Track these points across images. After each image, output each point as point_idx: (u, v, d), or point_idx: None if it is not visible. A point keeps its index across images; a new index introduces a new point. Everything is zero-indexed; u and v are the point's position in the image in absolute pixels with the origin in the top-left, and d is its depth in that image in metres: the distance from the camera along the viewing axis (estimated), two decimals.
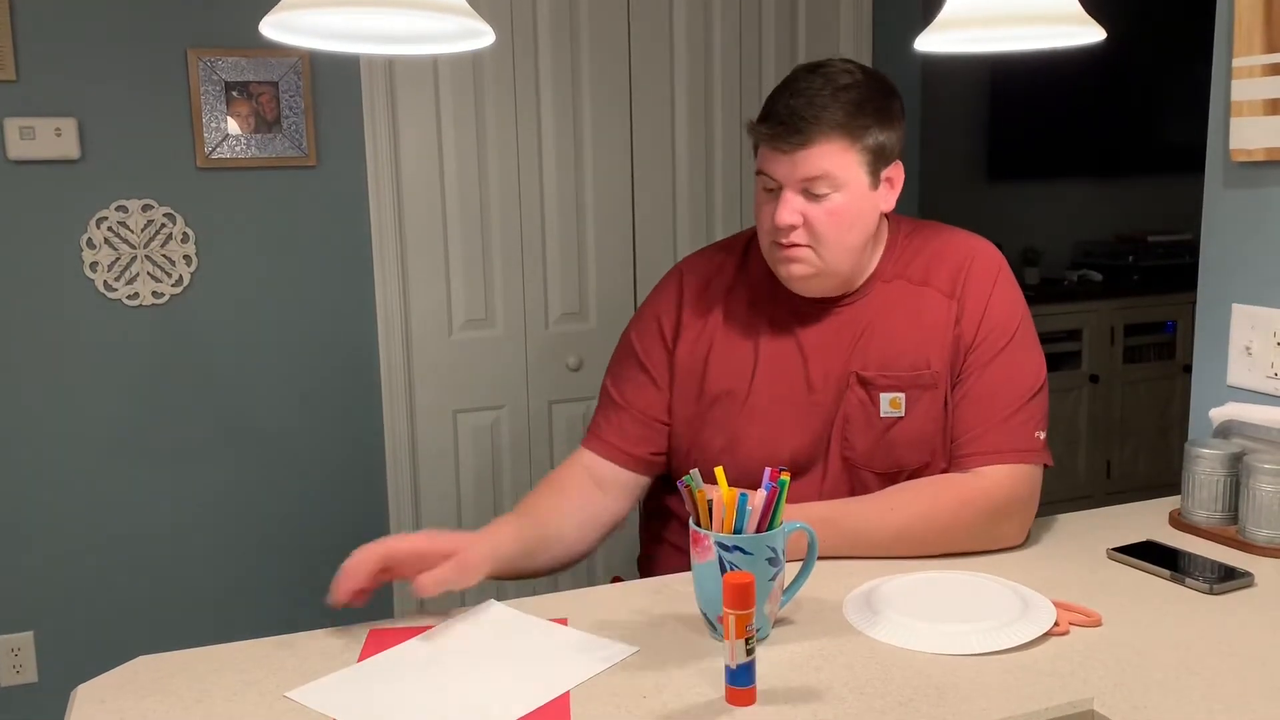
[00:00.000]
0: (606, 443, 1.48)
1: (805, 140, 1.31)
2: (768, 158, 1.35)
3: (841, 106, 1.32)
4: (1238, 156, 1.53)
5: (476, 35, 1.01)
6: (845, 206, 1.34)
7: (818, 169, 1.32)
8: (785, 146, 1.32)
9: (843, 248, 1.37)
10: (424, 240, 2.63)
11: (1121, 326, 3.99)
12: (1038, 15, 1.10)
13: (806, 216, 1.34)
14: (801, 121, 1.31)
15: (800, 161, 1.32)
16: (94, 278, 2.37)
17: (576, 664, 1.08)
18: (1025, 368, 1.40)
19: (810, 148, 1.31)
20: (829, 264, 1.37)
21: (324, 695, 1.03)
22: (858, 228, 1.37)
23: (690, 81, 2.83)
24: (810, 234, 1.34)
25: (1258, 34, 1.48)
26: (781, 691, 1.01)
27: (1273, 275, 1.53)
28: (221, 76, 2.40)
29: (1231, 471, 1.41)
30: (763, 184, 1.37)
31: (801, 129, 1.31)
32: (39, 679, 2.43)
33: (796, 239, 1.35)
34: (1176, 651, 1.08)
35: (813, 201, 1.34)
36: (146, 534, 2.48)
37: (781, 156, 1.33)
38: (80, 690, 1.05)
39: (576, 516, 1.46)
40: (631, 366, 1.50)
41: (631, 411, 1.47)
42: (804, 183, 1.33)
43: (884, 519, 1.33)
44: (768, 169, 1.35)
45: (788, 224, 1.34)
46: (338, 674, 1.07)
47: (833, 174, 1.32)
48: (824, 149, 1.31)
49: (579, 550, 1.47)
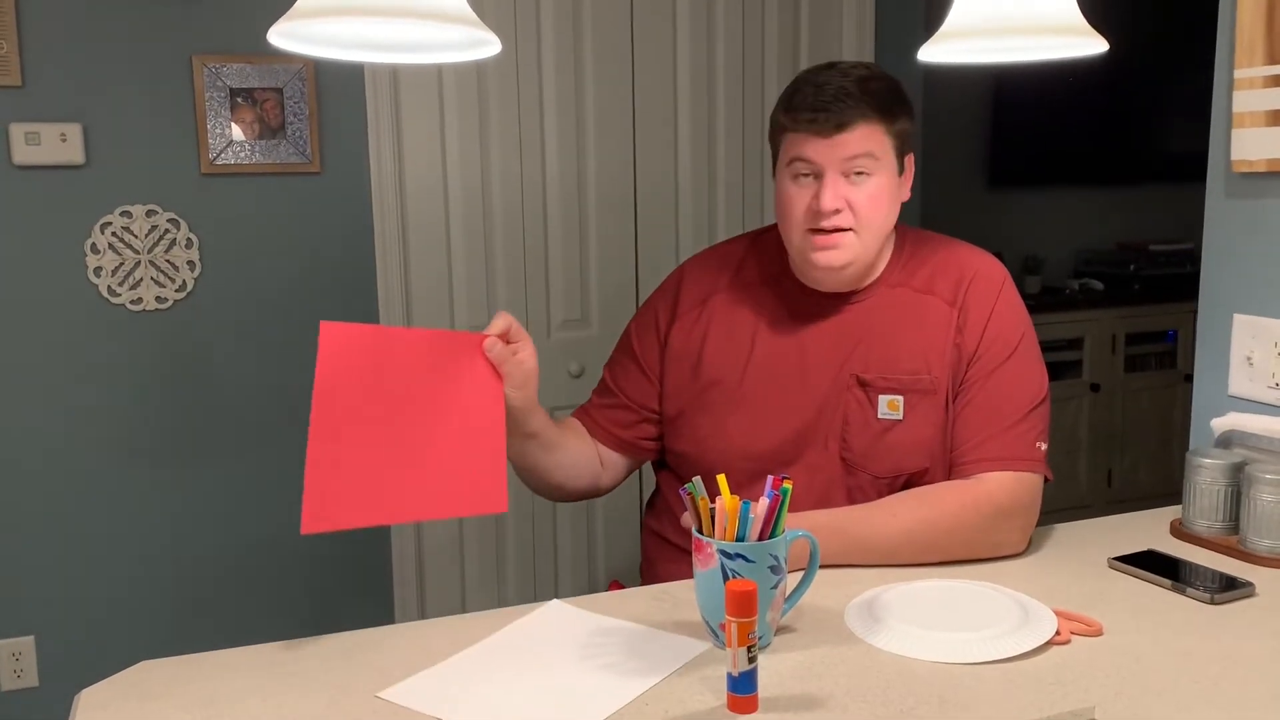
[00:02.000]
0: (594, 421, 1.56)
1: (848, 121, 1.34)
2: (806, 144, 1.36)
3: (873, 94, 1.36)
4: (1239, 167, 1.54)
5: (482, 45, 1.01)
6: (882, 189, 1.38)
7: (861, 148, 1.35)
8: (827, 130, 1.35)
9: (880, 232, 1.40)
10: (427, 247, 2.64)
11: (1123, 335, 3.99)
12: (1041, 27, 1.10)
13: (848, 199, 1.36)
14: (842, 106, 1.34)
15: (842, 144, 1.35)
16: (98, 283, 2.38)
17: (651, 661, 1.09)
18: (1028, 379, 1.41)
19: (852, 130, 1.35)
20: (866, 248, 1.39)
21: (418, 695, 1.04)
22: (891, 213, 1.41)
23: (693, 95, 2.83)
24: (854, 217, 1.37)
25: (1259, 46, 1.48)
26: (783, 699, 1.01)
27: (1274, 286, 1.53)
28: (226, 83, 2.41)
29: (1233, 481, 1.41)
30: (795, 172, 1.38)
31: (843, 113, 1.34)
32: (40, 684, 2.43)
33: (841, 222, 1.36)
34: (1177, 661, 1.08)
35: (853, 186, 1.36)
36: (148, 539, 2.48)
37: (822, 141, 1.35)
38: (83, 695, 1.05)
39: (583, 452, 1.53)
40: (626, 356, 1.57)
41: (620, 398, 1.54)
42: (846, 163, 1.35)
43: (887, 524, 1.34)
44: (807, 154, 1.36)
45: (833, 207, 1.35)
46: (424, 673, 1.08)
47: (874, 153, 1.36)
48: (865, 130, 1.35)
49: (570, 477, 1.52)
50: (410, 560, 2.70)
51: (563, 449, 1.48)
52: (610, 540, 2.89)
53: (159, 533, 2.48)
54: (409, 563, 2.70)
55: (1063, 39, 1.12)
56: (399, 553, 2.68)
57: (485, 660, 1.11)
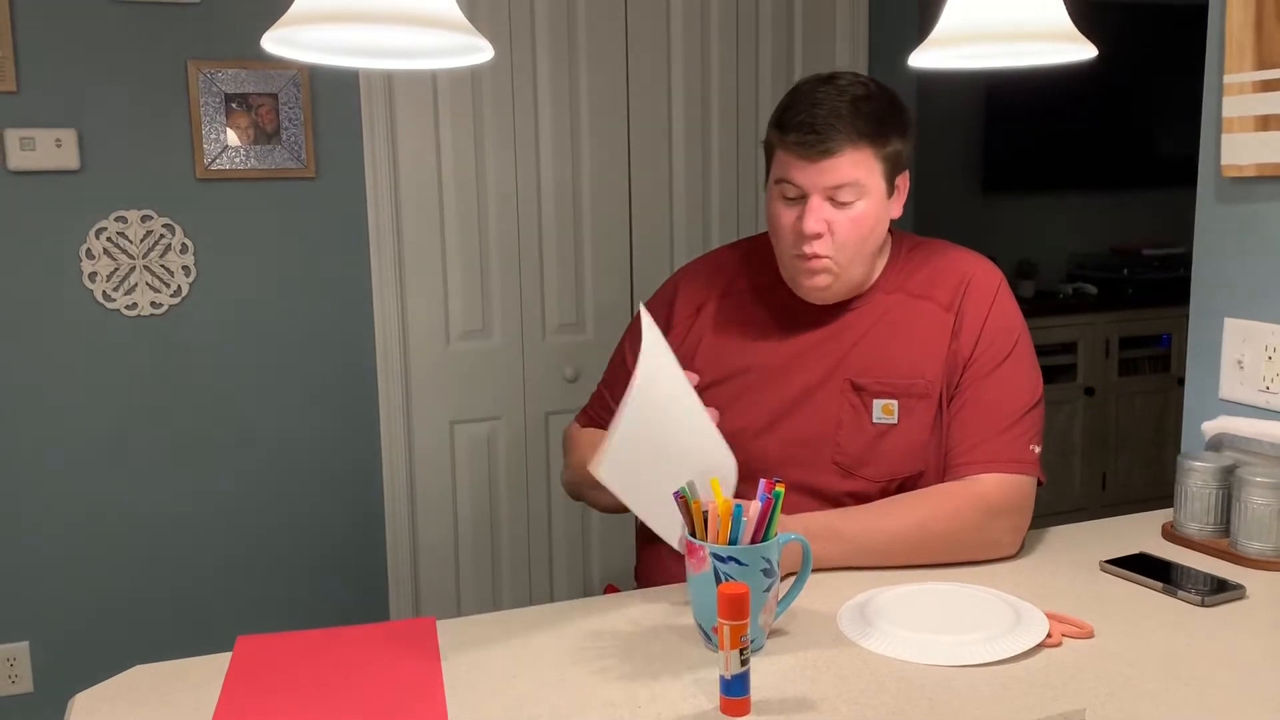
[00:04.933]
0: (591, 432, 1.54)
1: (834, 149, 1.33)
2: (793, 166, 1.36)
3: (865, 117, 1.34)
4: (1229, 172, 1.55)
5: (475, 51, 1.02)
6: (867, 214, 1.37)
7: (847, 177, 1.34)
8: (813, 155, 1.33)
9: (862, 255, 1.39)
10: (422, 251, 2.64)
11: (1116, 339, 4.00)
12: (1031, 33, 1.11)
13: (831, 224, 1.36)
14: (831, 130, 1.32)
15: (828, 170, 1.34)
16: (93, 288, 2.38)
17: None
18: (1022, 382, 1.42)
19: (839, 156, 1.33)
20: (847, 270, 1.39)
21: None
22: (875, 235, 1.40)
23: (687, 97, 2.84)
24: (834, 243, 1.37)
25: (1249, 51, 1.49)
26: (776, 702, 1.02)
27: (1265, 289, 1.54)
28: (221, 88, 2.41)
29: (1224, 484, 1.42)
30: (782, 192, 1.38)
31: (831, 138, 1.32)
32: (34, 689, 2.42)
33: (820, 249, 1.36)
34: (1168, 663, 1.09)
35: (838, 209, 1.36)
36: (143, 543, 2.48)
37: (809, 165, 1.34)
38: (77, 699, 1.05)
39: None
40: (619, 369, 1.56)
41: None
42: (831, 191, 1.35)
43: (881, 526, 1.34)
44: (793, 178, 1.36)
45: (814, 232, 1.35)
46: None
47: (860, 182, 1.35)
48: (852, 157, 1.34)
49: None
50: (405, 564, 2.70)
51: None
52: (605, 544, 2.90)
53: (153, 537, 2.48)
54: (404, 566, 2.70)
55: (1052, 45, 1.13)
56: (394, 556, 2.68)
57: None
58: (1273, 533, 1.34)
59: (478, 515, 2.77)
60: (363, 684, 1.06)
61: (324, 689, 1.05)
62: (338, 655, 1.12)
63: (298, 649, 1.14)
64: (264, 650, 1.14)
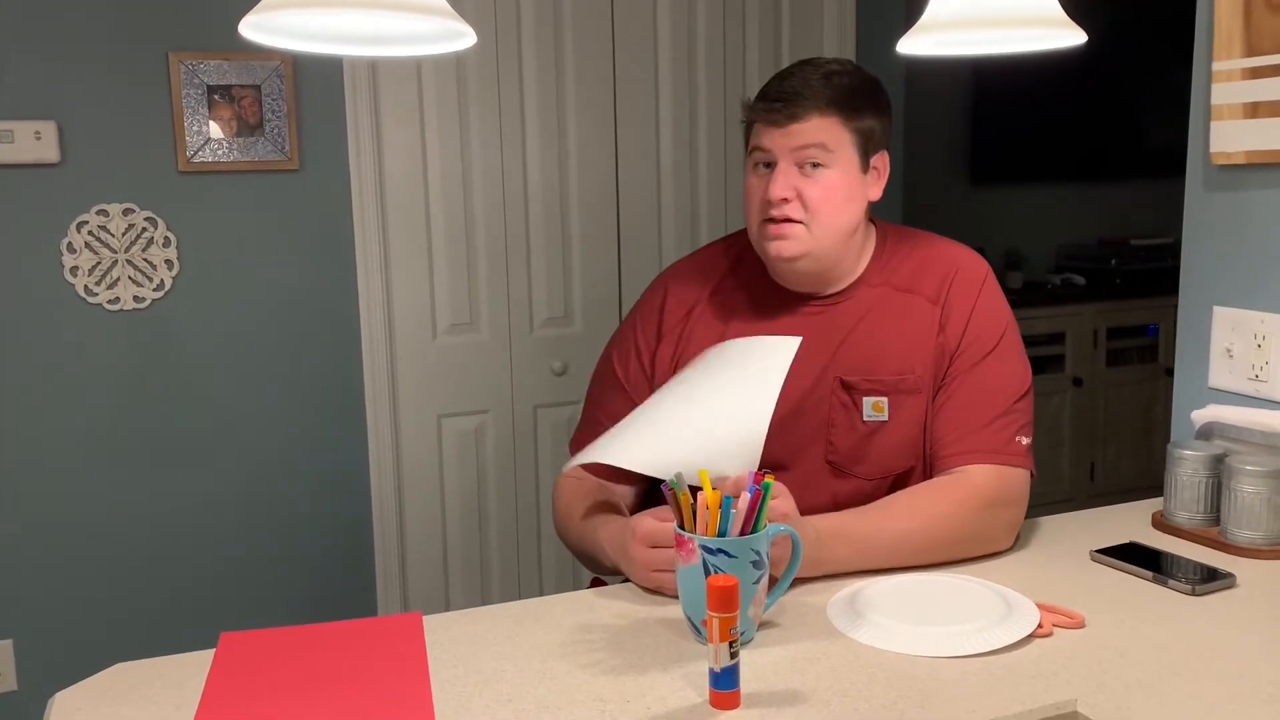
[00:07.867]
0: (596, 470, 1.44)
1: (800, 113, 1.36)
2: (762, 132, 1.39)
3: (835, 88, 1.37)
4: (1218, 160, 1.54)
5: (458, 36, 1.00)
6: (837, 183, 1.37)
7: (813, 138, 1.36)
8: (780, 119, 1.36)
9: (834, 228, 1.39)
10: (407, 243, 2.63)
11: (1104, 330, 4.01)
12: (1019, 18, 1.10)
13: (800, 191, 1.37)
14: (797, 96, 1.36)
15: (795, 133, 1.36)
16: (74, 282, 2.35)
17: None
18: (1009, 374, 1.41)
19: (805, 121, 1.36)
20: (819, 243, 1.38)
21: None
22: (849, 210, 1.39)
23: (674, 86, 2.83)
24: (803, 209, 1.37)
25: (1237, 38, 1.49)
26: (765, 695, 1.01)
27: (1253, 278, 1.54)
28: (203, 79, 2.38)
29: (1213, 473, 1.42)
30: (755, 161, 1.41)
31: (798, 103, 1.36)
32: (18, 687, 2.40)
33: (790, 212, 1.37)
34: (1159, 652, 1.08)
35: (806, 177, 1.37)
36: (127, 540, 2.46)
37: (775, 130, 1.37)
38: (58, 698, 1.04)
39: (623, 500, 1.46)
40: (610, 389, 1.51)
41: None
42: (797, 153, 1.36)
43: (887, 526, 1.31)
44: (761, 142, 1.39)
45: (780, 196, 1.36)
46: None
47: (826, 145, 1.36)
48: (819, 123, 1.36)
49: None
50: (393, 559, 2.68)
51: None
52: None
53: (138, 534, 2.46)
54: (392, 561, 2.68)
55: (1041, 31, 1.12)
56: (381, 551, 2.67)
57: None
58: (1263, 521, 1.34)
59: (465, 509, 2.76)
60: (349, 680, 1.05)
61: (309, 686, 1.04)
62: (323, 651, 1.11)
63: (282, 645, 1.13)
64: (248, 646, 1.13)
